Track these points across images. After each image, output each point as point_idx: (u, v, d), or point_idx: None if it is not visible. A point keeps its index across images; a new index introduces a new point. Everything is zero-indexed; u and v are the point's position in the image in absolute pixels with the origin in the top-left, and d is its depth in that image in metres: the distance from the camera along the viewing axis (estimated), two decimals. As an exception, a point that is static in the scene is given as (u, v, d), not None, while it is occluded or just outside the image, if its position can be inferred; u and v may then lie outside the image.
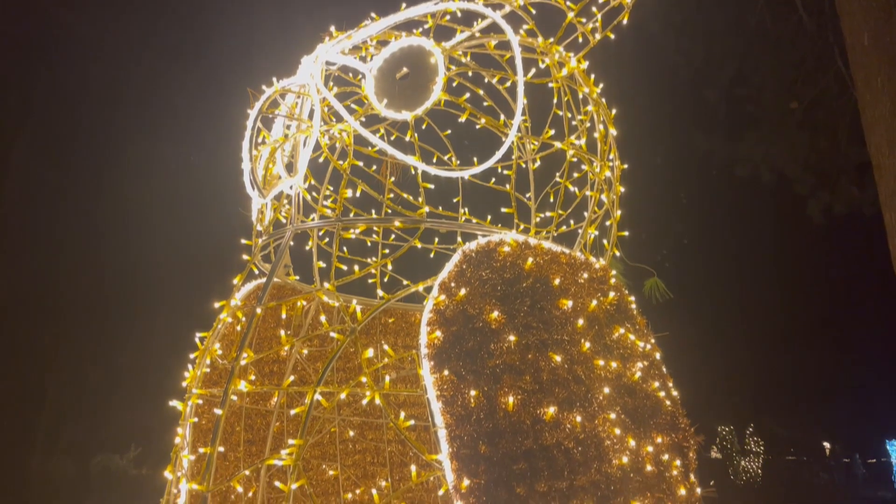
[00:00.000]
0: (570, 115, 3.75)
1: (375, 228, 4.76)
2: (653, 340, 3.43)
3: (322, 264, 4.36)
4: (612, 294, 3.24)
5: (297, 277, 4.27)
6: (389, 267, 3.93)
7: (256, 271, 3.84)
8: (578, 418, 2.80)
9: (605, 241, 3.80)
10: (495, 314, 2.88)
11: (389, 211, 4.64)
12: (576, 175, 4.11)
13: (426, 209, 3.40)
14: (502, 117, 3.98)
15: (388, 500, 4.64)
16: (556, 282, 3.07)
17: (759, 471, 24.45)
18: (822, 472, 27.58)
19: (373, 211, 4.62)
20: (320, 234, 4.50)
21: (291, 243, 3.93)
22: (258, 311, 3.08)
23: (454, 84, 4.41)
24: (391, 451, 4.93)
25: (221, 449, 3.87)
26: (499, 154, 3.14)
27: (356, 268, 3.47)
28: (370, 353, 2.94)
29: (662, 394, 3.20)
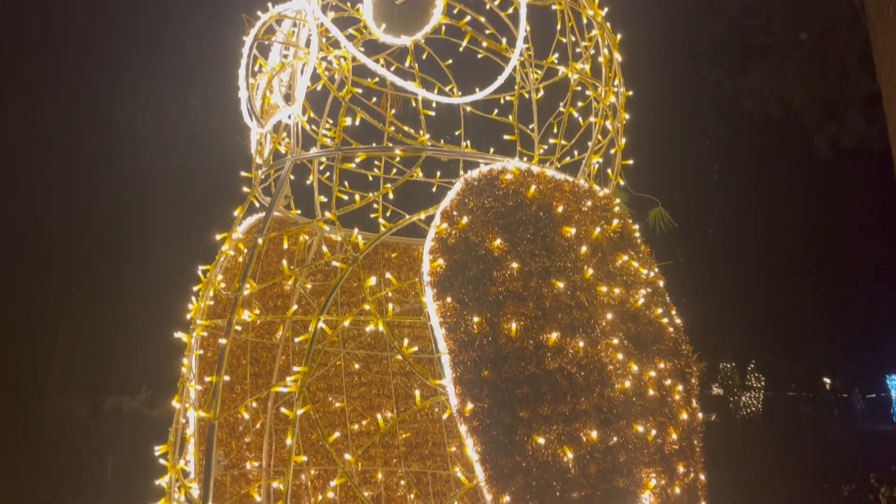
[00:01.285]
0: (573, 39, 3.65)
1: (377, 162, 4.71)
2: (656, 269, 3.42)
3: (323, 199, 4.34)
4: (615, 222, 3.22)
5: (299, 212, 4.25)
6: (391, 196, 3.90)
7: (257, 204, 3.81)
8: (581, 344, 2.81)
9: (609, 171, 3.75)
10: (498, 242, 2.87)
11: (391, 145, 4.57)
12: (580, 104, 4.03)
13: (427, 136, 3.34)
14: (504, 41, 3.89)
15: (393, 424, 4.72)
16: (560, 209, 3.04)
17: (760, 406, 24.85)
18: (822, 407, 28.02)
19: (373, 143, 4.56)
20: (321, 168, 4.46)
21: (292, 177, 3.90)
22: (259, 241, 3.07)
23: (455, 11, 4.30)
24: (396, 383, 4.99)
25: (227, 378, 3.92)
26: (501, 79, 3.07)
27: (357, 197, 3.44)
28: (373, 281, 2.93)
29: (665, 320, 3.21)
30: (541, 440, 2.64)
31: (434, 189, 4.69)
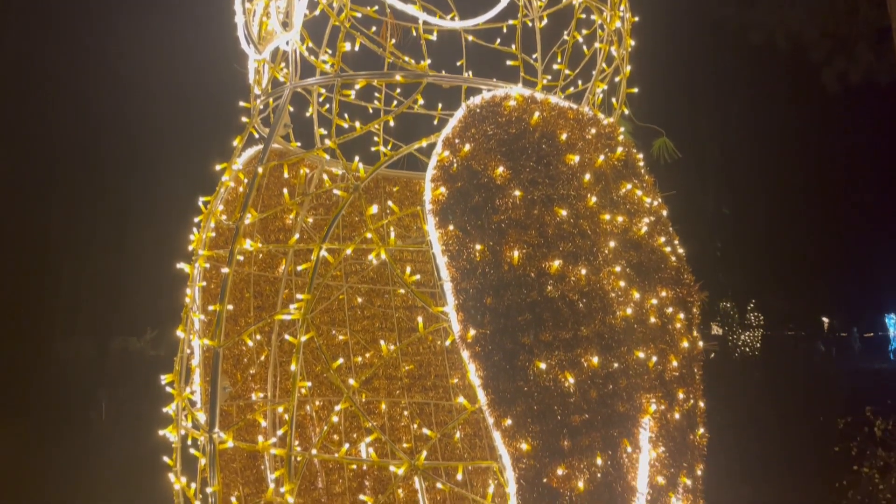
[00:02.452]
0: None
1: (377, 94, 4.64)
2: (660, 199, 3.39)
3: (323, 131, 4.28)
4: (619, 150, 3.18)
5: (299, 144, 4.20)
6: (392, 124, 3.85)
7: (257, 135, 3.77)
8: (583, 271, 2.81)
9: (613, 99, 3.69)
10: (500, 170, 2.84)
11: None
12: (584, 31, 3.94)
13: (428, 62, 3.28)
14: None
15: (396, 351, 4.78)
16: (563, 137, 3.00)
17: (758, 345, 25.14)
18: (819, 345, 28.37)
19: (374, 74, 4.48)
20: (320, 100, 4.39)
21: (291, 108, 3.84)
22: (259, 170, 3.04)
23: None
24: (399, 316, 5.03)
25: (231, 308, 3.94)
26: (504, 2, 2.99)
27: (357, 124, 3.39)
28: (374, 209, 2.91)
29: (668, 249, 3.20)
30: (542, 366, 2.66)
31: (435, 122, 4.63)
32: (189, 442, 3.39)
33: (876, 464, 7.72)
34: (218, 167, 3.45)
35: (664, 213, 3.33)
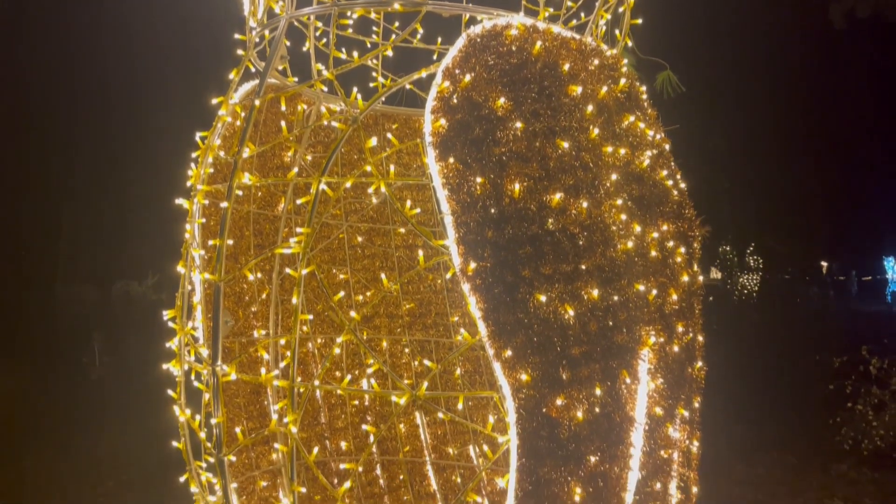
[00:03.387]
0: None
1: (374, 28, 4.54)
2: (662, 132, 3.35)
3: (320, 66, 4.21)
4: (622, 81, 3.12)
5: (296, 80, 4.13)
6: (390, 54, 3.77)
7: (253, 69, 3.70)
8: (584, 204, 2.79)
9: (617, 31, 3.61)
10: (501, 101, 2.79)
11: None
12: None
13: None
14: None
15: (397, 289, 4.80)
16: (566, 68, 2.94)
17: (756, 287, 25.28)
18: (816, 288, 28.51)
19: (371, 13, 4.38)
20: (317, 34, 4.30)
21: (287, 42, 3.77)
22: (256, 102, 2.99)
23: None
24: (399, 255, 5.03)
25: (230, 242, 3.94)
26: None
27: (356, 54, 3.33)
28: (373, 141, 2.88)
29: (670, 183, 3.18)
30: (542, 298, 2.67)
31: (435, 56, 4.55)
32: (193, 377, 3.43)
33: (870, 401, 7.85)
34: (214, 101, 3.39)
35: (667, 146, 3.30)
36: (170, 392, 3.45)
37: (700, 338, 3.38)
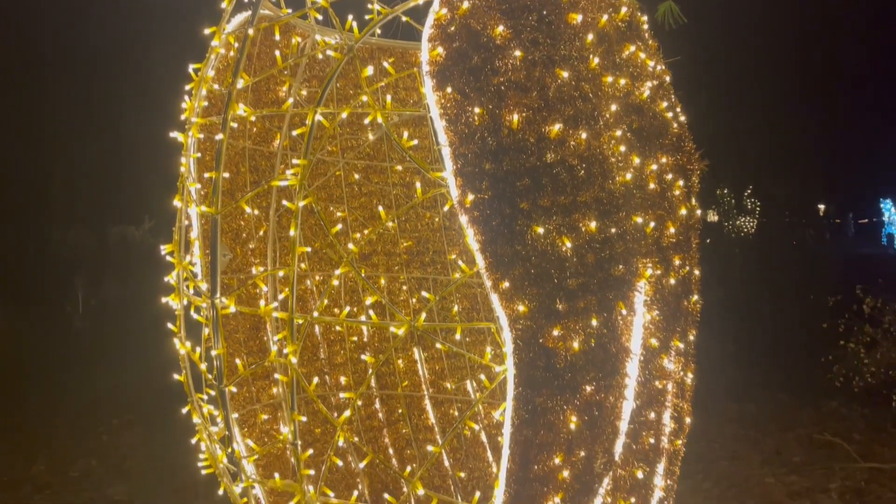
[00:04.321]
0: None
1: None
2: (663, 64, 3.30)
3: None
4: (623, 10, 3.05)
5: (289, 11, 4.03)
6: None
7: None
8: (583, 135, 2.76)
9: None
10: (500, 29, 2.73)
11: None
12: None
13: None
14: None
15: (394, 226, 4.79)
16: (566, -5, 2.87)
17: (753, 230, 25.35)
18: (813, 231, 28.59)
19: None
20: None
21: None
22: (250, 31, 2.93)
23: None
24: (396, 193, 5.01)
25: (227, 175, 3.91)
26: None
27: (351, -19, 3.24)
28: (370, 70, 2.83)
29: (670, 115, 3.14)
30: (540, 230, 2.67)
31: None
32: (192, 312, 3.45)
33: (862, 339, 7.94)
34: (207, 31, 3.32)
35: (667, 78, 3.25)
36: (169, 325, 3.47)
37: (696, 271, 3.39)
